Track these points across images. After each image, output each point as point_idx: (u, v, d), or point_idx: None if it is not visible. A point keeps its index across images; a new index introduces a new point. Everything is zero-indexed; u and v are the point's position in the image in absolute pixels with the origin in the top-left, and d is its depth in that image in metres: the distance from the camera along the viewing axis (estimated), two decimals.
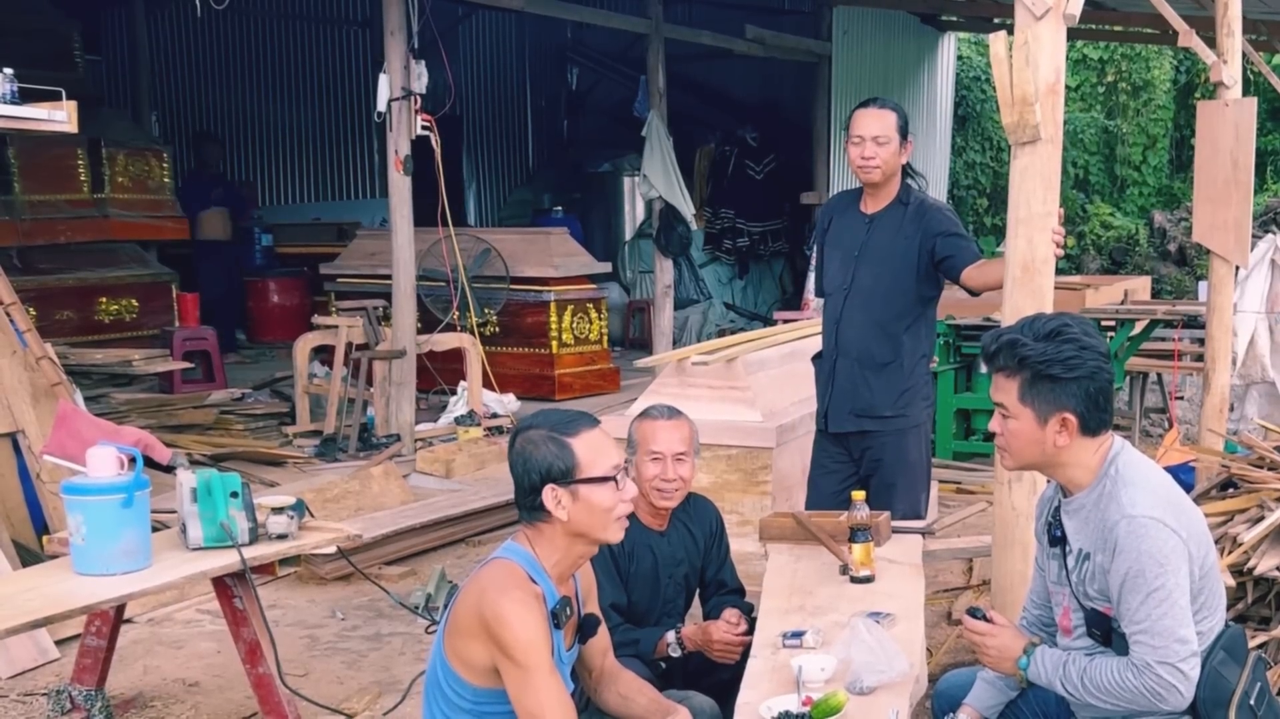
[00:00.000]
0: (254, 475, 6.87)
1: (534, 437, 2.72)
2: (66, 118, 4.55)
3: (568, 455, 2.68)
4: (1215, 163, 5.54)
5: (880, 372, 4.36)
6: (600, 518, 2.71)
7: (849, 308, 4.40)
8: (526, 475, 2.70)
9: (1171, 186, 17.28)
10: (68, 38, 10.24)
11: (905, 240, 4.32)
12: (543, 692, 2.59)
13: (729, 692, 3.11)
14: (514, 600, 2.61)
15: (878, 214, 4.39)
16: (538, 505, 2.70)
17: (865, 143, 4.28)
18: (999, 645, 2.87)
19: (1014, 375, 2.78)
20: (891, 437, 4.39)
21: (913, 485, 4.46)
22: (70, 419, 4.14)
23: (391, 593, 5.00)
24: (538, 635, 2.60)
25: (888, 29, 13.46)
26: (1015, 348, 2.77)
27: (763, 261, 14.33)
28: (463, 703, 2.71)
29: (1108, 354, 2.84)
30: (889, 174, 4.33)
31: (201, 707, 4.36)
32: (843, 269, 4.43)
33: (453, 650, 2.70)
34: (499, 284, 9.54)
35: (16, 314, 5.49)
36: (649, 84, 10.91)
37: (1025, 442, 2.81)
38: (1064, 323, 2.80)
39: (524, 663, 2.58)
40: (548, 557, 2.74)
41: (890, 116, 4.29)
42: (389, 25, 7.82)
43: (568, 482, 2.68)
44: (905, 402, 4.37)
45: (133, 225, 10.36)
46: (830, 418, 4.47)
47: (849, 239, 4.44)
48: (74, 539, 3.55)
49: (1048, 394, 2.75)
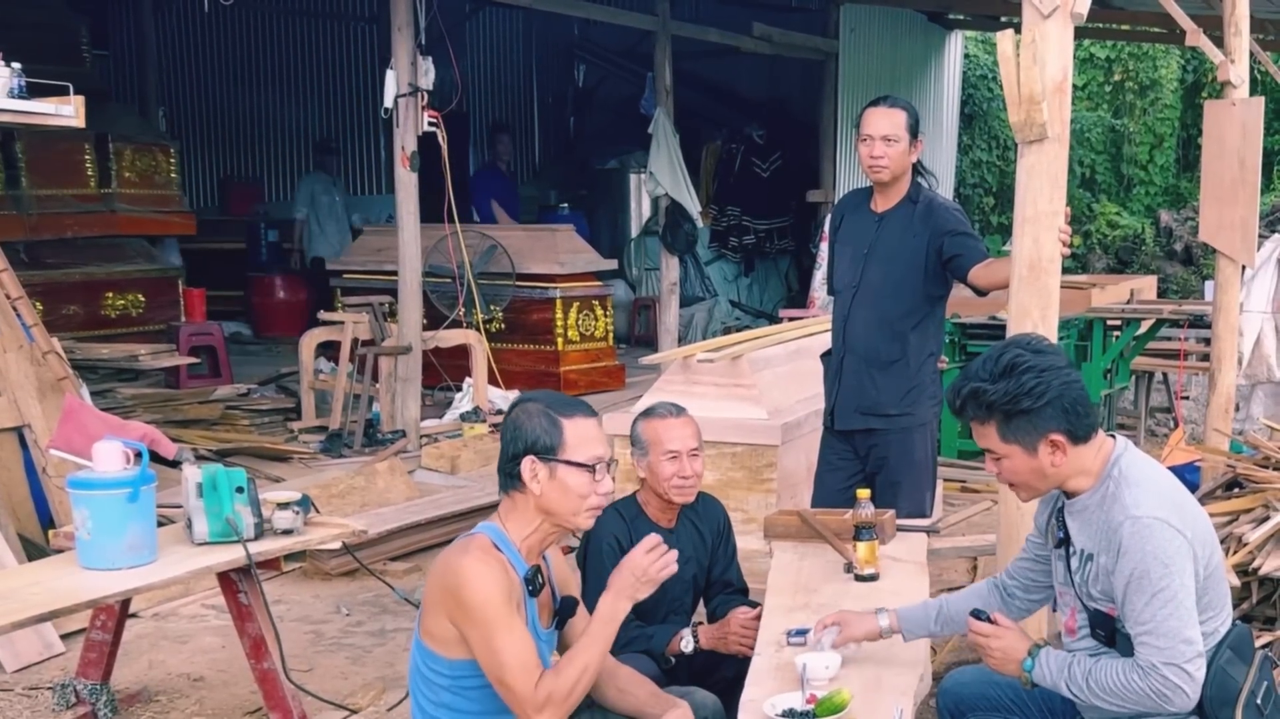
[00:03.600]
0: (259, 471, 6.87)
1: (530, 408, 2.78)
2: (74, 112, 4.56)
3: (556, 433, 2.73)
4: (1222, 162, 5.53)
5: (887, 370, 4.35)
6: (571, 502, 2.74)
7: (857, 305, 4.40)
8: (513, 443, 2.75)
9: (1178, 186, 17.24)
10: (76, 32, 10.23)
11: (914, 238, 4.31)
12: (505, 646, 2.61)
13: (733, 689, 3.11)
14: (472, 559, 2.66)
15: (887, 212, 4.38)
16: (515, 474, 2.74)
17: (874, 142, 4.27)
18: (1003, 647, 2.86)
19: (988, 421, 2.78)
20: (897, 435, 4.38)
21: (918, 484, 4.45)
22: (76, 413, 4.15)
23: (396, 588, 5.00)
24: (496, 592, 2.63)
25: (895, 27, 13.44)
26: (978, 396, 2.77)
27: (769, 259, 14.31)
28: (440, 679, 2.73)
29: (1068, 363, 2.83)
30: (898, 173, 4.32)
31: (206, 701, 4.37)
32: (852, 267, 4.43)
33: (425, 629, 2.74)
34: (505, 281, 9.53)
35: (23, 308, 5.50)
36: (656, 81, 10.90)
37: (1026, 475, 2.81)
38: (1015, 355, 2.78)
39: (483, 618, 2.61)
40: (517, 531, 2.77)
41: (900, 115, 4.28)
42: (396, 21, 7.82)
43: (548, 458, 2.72)
44: (912, 400, 4.37)
45: (139, 220, 10.34)
46: (837, 415, 4.47)
47: (858, 237, 4.43)
48: (79, 533, 3.56)
49: (1026, 426, 2.75)
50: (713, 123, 14.08)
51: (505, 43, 16.07)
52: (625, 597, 2.79)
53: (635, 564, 2.79)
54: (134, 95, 12.47)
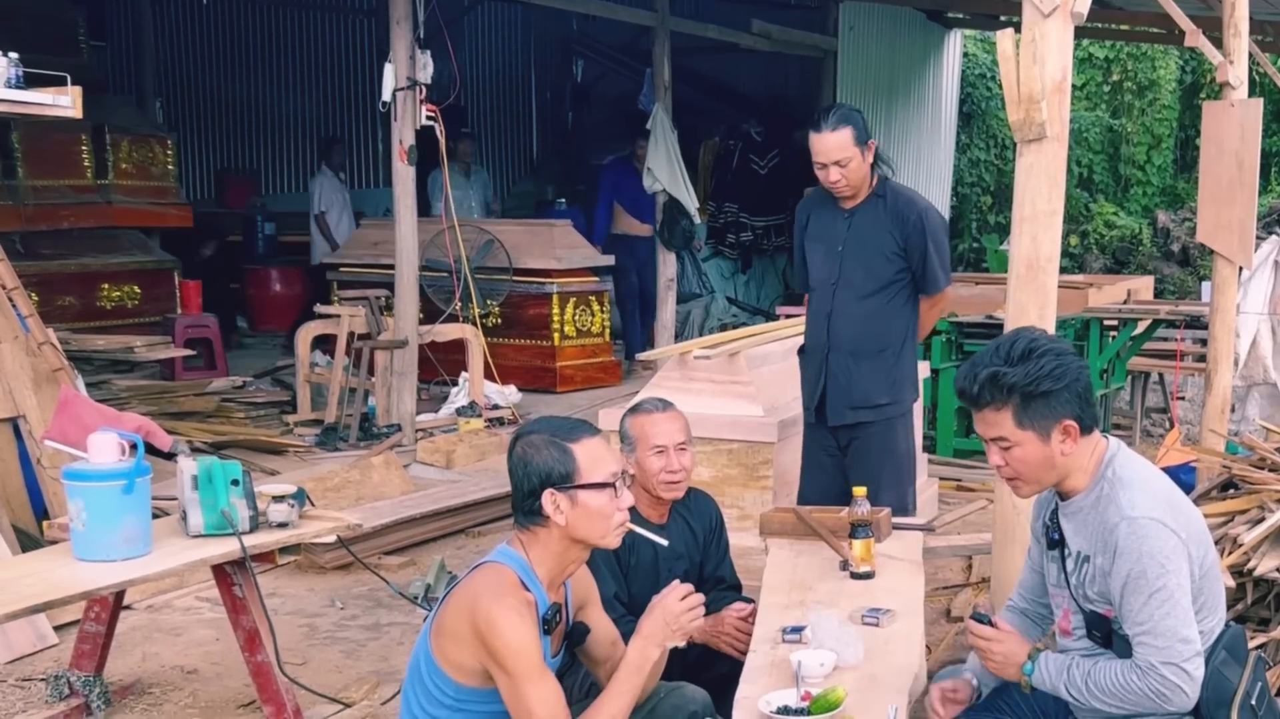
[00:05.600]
0: (255, 463, 6.87)
1: (535, 441, 2.73)
2: (71, 103, 4.55)
3: (568, 460, 2.69)
4: (1220, 163, 5.54)
5: (874, 360, 4.43)
6: (599, 524, 2.72)
7: (839, 301, 4.46)
8: (526, 479, 2.71)
9: (1175, 186, 17.24)
10: (73, 23, 10.21)
11: (885, 233, 4.40)
12: (534, 697, 2.61)
13: (727, 686, 3.10)
14: (506, 608, 2.62)
15: (856, 209, 4.46)
16: (535, 509, 2.71)
17: (828, 168, 4.33)
18: (1004, 652, 2.86)
19: (1004, 406, 2.76)
20: (881, 425, 4.46)
21: (898, 478, 4.50)
22: (72, 405, 4.14)
23: (391, 583, 5.00)
24: (529, 642, 2.61)
25: (894, 25, 13.43)
26: (998, 379, 2.76)
27: (766, 256, 14.30)
28: (444, 698, 2.72)
29: (1076, 352, 2.86)
30: (859, 184, 4.39)
31: (200, 694, 4.36)
32: (827, 263, 4.50)
33: (440, 650, 2.71)
34: (501, 275, 9.53)
35: (19, 299, 5.49)
36: (654, 77, 10.89)
37: (1036, 463, 2.79)
38: (1032, 339, 2.80)
39: (515, 670, 2.60)
40: (540, 562, 2.74)
41: (845, 133, 4.27)
42: (395, 15, 7.81)
43: (567, 486, 2.69)
44: (898, 389, 4.47)
45: (136, 212, 10.33)
46: (828, 412, 4.51)
47: (829, 234, 4.50)
48: (74, 525, 3.55)
49: (1044, 410, 2.74)
50: (711, 119, 14.07)
51: (503, 37, 16.06)
52: (655, 643, 2.77)
53: (668, 610, 2.76)
54: (131, 86, 12.45)
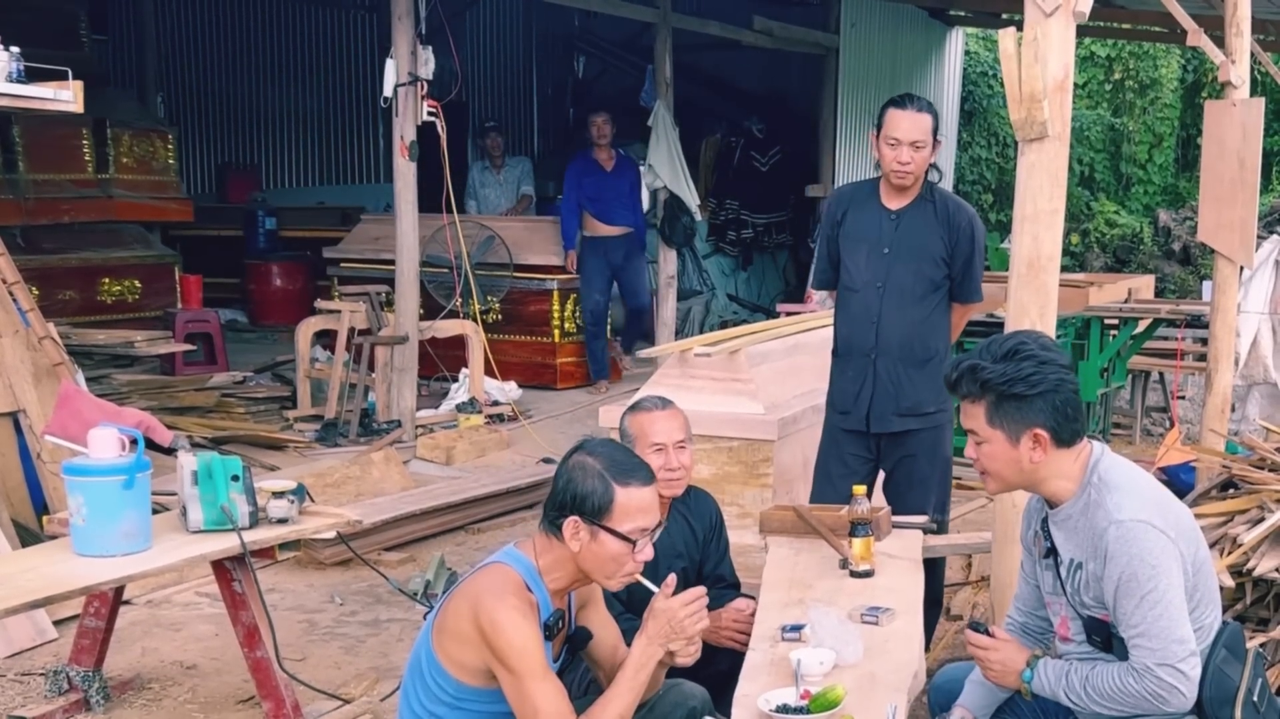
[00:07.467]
0: (255, 459, 6.86)
1: (589, 464, 2.73)
2: (72, 97, 4.55)
3: (607, 498, 2.69)
4: (1222, 162, 5.53)
5: (924, 368, 4.33)
6: (607, 566, 2.73)
7: (887, 305, 4.34)
8: (563, 492, 2.73)
9: (1177, 185, 17.24)
10: (74, 17, 10.20)
11: (935, 237, 4.31)
12: (539, 695, 2.62)
13: (727, 684, 3.10)
14: (509, 607, 2.63)
15: (904, 210, 4.35)
16: (558, 524, 2.72)
17: (902, 147, 4.21)
18: (1002, 659, 2.87)
19: (979, 400, 2.78)
20: (930, 433, 4.38)
21: (944, 481, 4.47)
22: (72, 399, 4.15)
23: (390, 579, 5.00)
24: (532, 641, 2.63)
25: (896, 22, 13.43)
26: (975, 373, 2.78)
27: (766, 253, 14.29)
28: (444, 696, 2.73)
29: (1068, 365, 2.85)
30: (919, 175, 4.31)
31: (199, 689, 4.37)
32: (871, 264, 4.36)
33: (442, 648, 2.72)
34: (502, 271, 9.52)
35: (19, 293, 5.49)
36: (656, 74, 10.88)
37: (1002, 463, 2.81)
38: (1020, 341, 2.81)
39: (519, 668, 2.62)
40: (549, 570, 2.76)
41: (927, 120, 4.23)
42: (396, 10, 7.80)
43: (592, 521, 2.69)
44: (944, 396, 4.31)
45: (137, 206, 10.33)
46: (872, 419, 4.38)
47: (873, 234, 4.37)
48: (74, 520, 3.56)
49: (1014, 413, 2.75)
50: (712, 116, 14.05)
51: (505, 33, 16.03)
52: (658, 644, 2.77)
53: (673, 614, 2.76)
54: (133, 80, 12.43)
